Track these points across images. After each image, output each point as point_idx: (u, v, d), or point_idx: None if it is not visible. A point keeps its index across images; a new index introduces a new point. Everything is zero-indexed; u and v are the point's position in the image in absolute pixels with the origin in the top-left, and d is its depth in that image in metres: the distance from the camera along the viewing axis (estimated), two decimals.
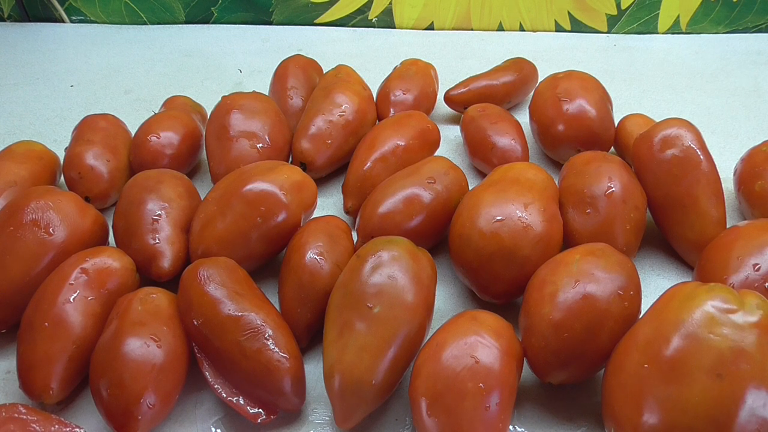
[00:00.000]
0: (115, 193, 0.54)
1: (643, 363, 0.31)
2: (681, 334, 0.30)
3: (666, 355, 0.30)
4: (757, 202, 0.48)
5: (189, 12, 0.91)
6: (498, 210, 0.42)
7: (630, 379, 0.32)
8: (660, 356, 0.31)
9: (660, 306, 0.33)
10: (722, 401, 0.28)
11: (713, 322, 0.30)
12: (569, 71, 0.58)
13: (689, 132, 0.46)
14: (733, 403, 0.28)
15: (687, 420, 0.29)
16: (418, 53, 0.72)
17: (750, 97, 0.71)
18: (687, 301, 0.31)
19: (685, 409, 0.29)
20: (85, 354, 0.38)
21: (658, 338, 0.31)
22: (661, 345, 0.31)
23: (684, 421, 0.29)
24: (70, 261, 0.41)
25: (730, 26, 0.85)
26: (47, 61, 0.82)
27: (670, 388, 0.30)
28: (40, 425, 0.34)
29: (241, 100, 0.55)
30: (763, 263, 0.37)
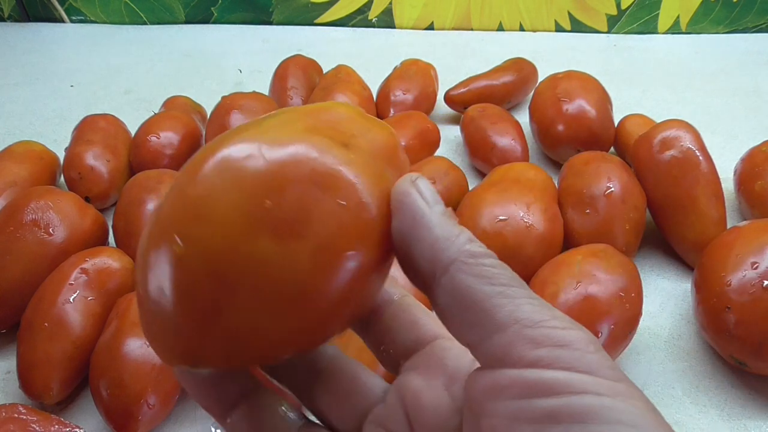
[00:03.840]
0: (115, 193, 0.54)
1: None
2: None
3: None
4: (757, 202, 0.48)
5: (189, 12, 0.91)
6: (501, 210, 0.42)
7: None
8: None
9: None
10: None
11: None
12: (569, 71, 0.58)
13: (688, 133, 0.46)
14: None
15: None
16: (418, 53, 0.72)
17: (750, 97, 0.71)
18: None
19: None
20: (85, 354, 0.38)
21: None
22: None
23: None
24: (70, 261, 0.41)
25: (730, 26, 0.85)
26: (47, 61, 0.82)
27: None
28: (40, 425, 0.34)
29: (241, 100, 0.55)
30: (761, 262, 0.37)
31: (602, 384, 0.15)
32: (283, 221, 0.17)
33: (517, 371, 0.16)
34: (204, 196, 0.17)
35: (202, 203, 0.17)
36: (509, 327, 0.16)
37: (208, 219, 0.17)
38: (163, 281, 0.17)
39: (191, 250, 0.16)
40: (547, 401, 0.15)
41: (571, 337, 0.16)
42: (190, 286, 0.17)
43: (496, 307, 0.17)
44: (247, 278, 0.17)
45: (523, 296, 0.17)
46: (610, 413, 0.14)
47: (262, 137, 0.18)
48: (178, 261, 0.17)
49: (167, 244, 0.17)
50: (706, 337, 0.40)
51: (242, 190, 0.17)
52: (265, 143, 0.18)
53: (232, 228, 0.17)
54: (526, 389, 0.15)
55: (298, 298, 0.17)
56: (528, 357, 0.16)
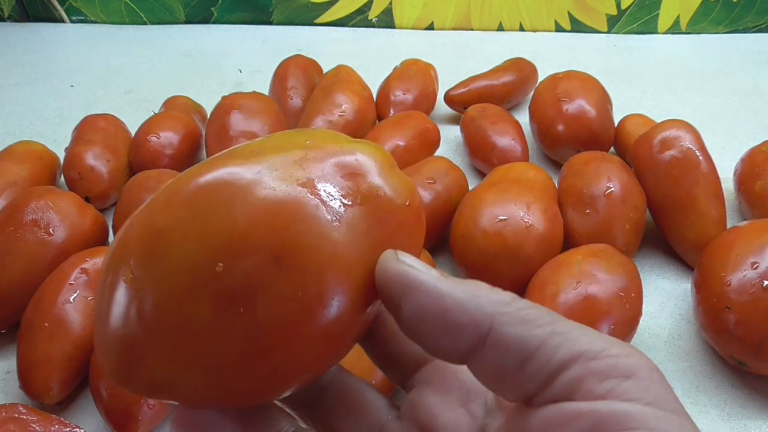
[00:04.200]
0: (115, 193, 0.54)
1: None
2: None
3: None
4: (757, 202, 0.48)
5: (189, 12, 0.91)
6: (501, 210, 0.42)
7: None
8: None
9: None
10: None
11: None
12: (569, 71, 0.58)
13: (688, 133, 0.46)
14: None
15: None
16: (418, 53, 0.72)
17: (750, 97, 0.71)
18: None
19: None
20: (85, 354, 0.38)
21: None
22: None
23: None
24: (70, 261, 0.41)
25: (730, 26, 0.85)
26: (47, 61, 0.82)
27: None
28: (40, 425, 0.34)
29: (241, 100, 0.55)
30: (761, 262, 0.37)
31: (670, 420, 0.15)
32: (227, 291, 0.16)
33: (587, 404, 0.15)
34: (164, 231, 0.16)
35: (160, 241, 0.16)
36: (573, 364, 0.16)
37: (160, 259, 0.16)
38: (109, 304, 0.16)
39: (138, 285, 0.16)
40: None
41: (636, 366, 0.16)
42: (124, 317, 0.16)
43: (554, 348, 0.16)
44: (177, 336, 0.16)
45: (573, 329, 0.16)
46: None
47: (247, 176, 0.17)
48: (126, 288, 0.16)
49: (122, 268, 0.16)
50: (706, 337, 0.40)
51: (201, 242, 0.16)
52: (247, 186, 0.16)
53: (177, 280, 0.16)
54: (597, 422, 0.15)
55: (229, 366, 0.16)
56: (597, 390, 0.15)
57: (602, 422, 0.15)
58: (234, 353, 0.16)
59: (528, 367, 0.16)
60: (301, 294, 0.16)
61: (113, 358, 0.17)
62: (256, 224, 0.16)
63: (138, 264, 0.16)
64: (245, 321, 0.16)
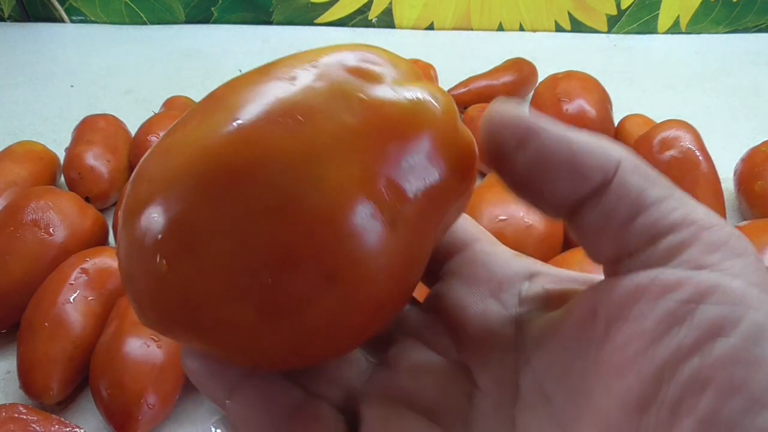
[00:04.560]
0: (115, 193, 0.54)
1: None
2: None
3: None
4: (757, 202, 0.48)
5: (189, 12, 0.91)
6: (501, 210, 0.42)
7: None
8: None
9: None
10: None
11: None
12: (569, 72, 0.58)
13: (688, 133, 0.46)
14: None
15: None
16: (418, 53, 0.72)
17: (750, 97, 0.71)
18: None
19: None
20: (85, 354, 0.38)
21: None
22: None
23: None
24: (70, 261, 0.41)
25: (730, 26, 0.85)
26: (47, 61, 0.82)
27: None
28: (40, 425, 0.34)
29: None
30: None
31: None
32: (274, 302, 0.15)
33: (690, 272, 0.14)
34: (202, 224, 0.15)
35: (196, 236, 0.15)
36: (685, 227, 0.15)
37: (197, 257, 0.15)
38: (142, 281, 0.15)
39: (173, 278, 0.15)
40: (718, 308, 0.13)
41: (748, 248, 0.15)
42: (159, 306, 0.15)
43: (670, 209, 0.15)
44: (216, 333, 0.15)
45: (691, 199, 0.16)
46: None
47: (296, 172, 0.15)
48: (158, 277, 0.15)
49: (152, 248, 0.15)
50: None
51: (247, 250, 0.14)
52: (297, 188, 0.15)
53: (218, 283, 0.15)
54: (700, 293, 0.14)
55: (270, 359, 0.16)
56: (703, 260, 0.14)
57: (705, 294, 0.14)
58: (281, 353, 0.16)
59: (639, 219, 0.15)
60: (352, 306, 0.15)
61: (150, 321, 0.16)
62: (309, 241, 0.15)
63: (170, 255, 0.15)
64: (294, 330, 0.15)
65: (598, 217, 0.16)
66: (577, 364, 0.16)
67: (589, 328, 0.16)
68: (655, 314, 0.14)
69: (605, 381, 0.15)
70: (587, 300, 0.16)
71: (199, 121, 0.16)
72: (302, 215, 0.15)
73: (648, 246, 0.15)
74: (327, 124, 0.15)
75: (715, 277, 0.14)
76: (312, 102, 0.16)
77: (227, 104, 0.16)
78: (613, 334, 0.15)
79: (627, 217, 0.16)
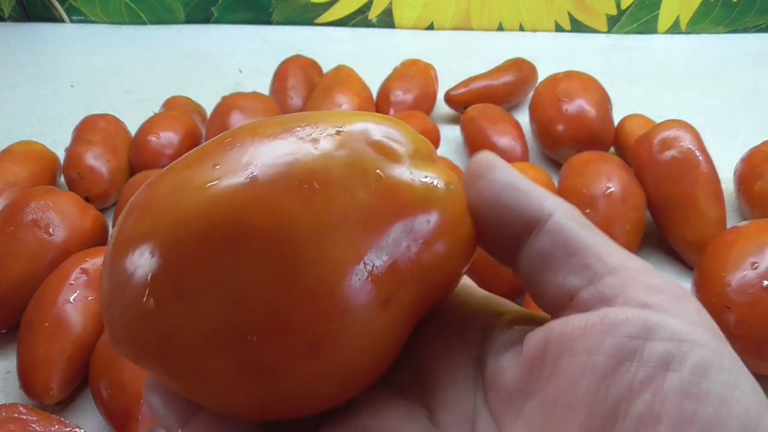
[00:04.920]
0: (115, 193, 0.54)
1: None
2: None
3: None
4: (757, 202, 0.48)
5: (189, 12, 0.91)
6: None
7: None
8: None
9: None
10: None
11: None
12: (569, 71, 0.58)
13: (688, 133, 0.46)
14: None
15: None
16: (418, 53, 0.72)
17: (750, 97, 0.71)
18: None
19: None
20: (85, 354, 0.38)
21: None
22: None
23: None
24: (70, 261, 0.41)
25: (730, 26, 0.85)
26: (47, 61, 0.82)
27: None
28: (40, 425, 0.34)
29: (241, 100, 0.55)
30: (761, 262, 0.37)
31: (720, 343, 0.14)
32: (253, 362, 0.15)
33: (634, 310, 0.15)
34: (192, 272, 0.14)
35: (187, 283, 0.15)
36: (623, 271, 0.16)
37: (185, 302, 0.15)
38: (125, 309, 0.15)
39: (160, 317, 0.15)
40: (666, 344, 0.14)
41: (686, 293, 0.15)
42: (140, 337, 0.15)
43: (608, 253, 0.16)
44: (193, 376, 0.15)
45: (627, 252, 0.16)
46: (728, 376, 0.14)
47: (297, 236, 0.15)
48: (145, 313, 0.15)
49: (142, 281, 0.15)
50: None
51: (234, 306, 0.14)
52: (293, 254, 0.14)
53: (203, 331, 0.14)
54: (646, 330, 0.14)
55: (241, 410, 0.16)
56: (644, 299, 0.15)
57: (651, 331, 0.14)
58: (251, 407, 0.16)
59: (576, 260, 0.16)
60: (329, 377, 0.15)
61: (124, 350, 0.16)
62: (301, 310, 0.15)
63: (160, 295, 0.15)
64: (267, 389, 0.15)
65: (538, 257, 0.17)
66: (528, 404, 0.16)
67: (538, 366, 0.16)
68: (604, 349, 0.14)
69: (556, 419, 0.15)
70: (537, 338, 0.17)
71: (211, 164, 0.16)
72: (300, 285, 0.15)
73: (591, 284, 0.16)
74: (342, 197, 0.15)
75: (660, 316, 0.14)
76: (331, 172, 0.16)
77: (243, 153, 0.16)
78: (560, 370, 0.15)
79: (564, 257, 0.16)
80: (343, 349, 0.15)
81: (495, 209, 0.18)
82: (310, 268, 0.15)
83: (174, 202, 0.15)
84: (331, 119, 0.17)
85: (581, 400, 0.14)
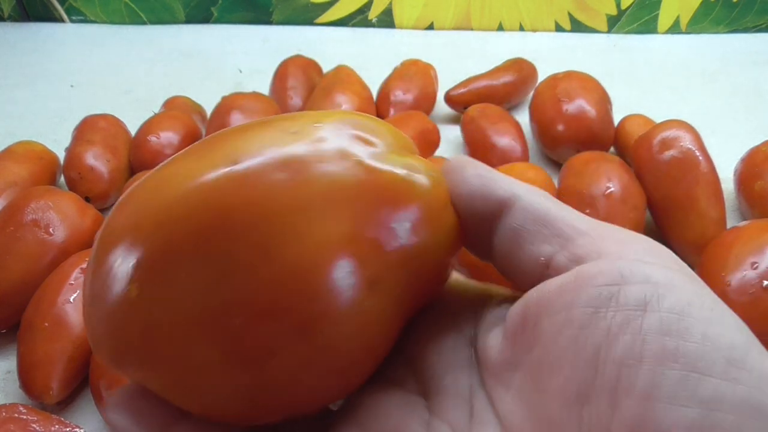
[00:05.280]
0: (115, 193, 0.54)
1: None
2: None
3: None
4: (757, 202, 0.48)
5: (189, 12, 0.91)
6: None
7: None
8: None
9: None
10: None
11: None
12: (569, 71, 0.58)
13: (688, 133, 0.46)
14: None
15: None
16: (418, 53, 0.72)
17: (750, 97, 0.71)
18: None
19: None
20: (85, 354, 0.38)
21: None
22: None
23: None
24: (70, 261, 0.41)
25: (730, 26, 0.85)
26: (47, 61, 0.82)
27: None
28: (40, 425, 0.34)
29: (241, 100, 0.55)
30: (761, 262, 0.37)
31: (701, 288, 0.14)
32: (239, 348, 0.14)
33: (607, 261, 0.15)
34: (176, 254, 0.14)
35: (170, 266, 0.14)
36: (594, 231, 0.16)
37: (169, 287, 0.14)
38: (108, 302, 0.15)
39: (143, 305, 0.15)
40: (642, 287, 0.14)
41: (662, 247, 0.16)
42: (123, 328, 0.15)
43: (576, 220, 0.17)
44: (177, 368, 0.15)
45: (597, 220, 0.17)
46: (710, 313, 0.13)
47: (280, 221, 0.15)
48: (129, 302, 0.15)
49: (126, 271, 0.15)
50: None
51: (218, 288, 0.14)
52: (278, 236, 0.14)
53: (186, 317, 0.14)
54: (619, 275, 0.14)
55: (227, 406, 0.15)
56: (617, 252, 0.15)
57: (625, 277, 0.14)
58: (239, 403, 0.15)
59: (548, 229, 0.17)
60: (318, 363, 0.15)
61: (104, 349, 0.16)
62: (286, 291, 0.14)
63: (144, 282, 0.15)
64: (255, 380, 0.15)
65: (510, 235, 0.17)
66: (517, 374, 0.16)
67: (520, 334, 0.16)
68: (580, 302, 0.14)
69: (542, 382, 0.15)
70: (517, 308, 0.17)
71: (195, 158, 0.16)
72: (283, 264, 0.14)
73: (564, 247, 0.16)
74: (323, 178, 0.16)
75: (635, 264, 0.14)
76: (311, 156, 0.16)
77: (226, 146, 0.16)
78: (541, 333, 0.15)
79: (536, 229, 0.17)
80: (332, 332, 0.15)
81: (467, 198, 0.18)
82: (291, 245, 0.14)
83: (156, 194, 0.16)
84: (313, 116, 0.18)
85: (562, 357, 0.14)
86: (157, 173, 0.17)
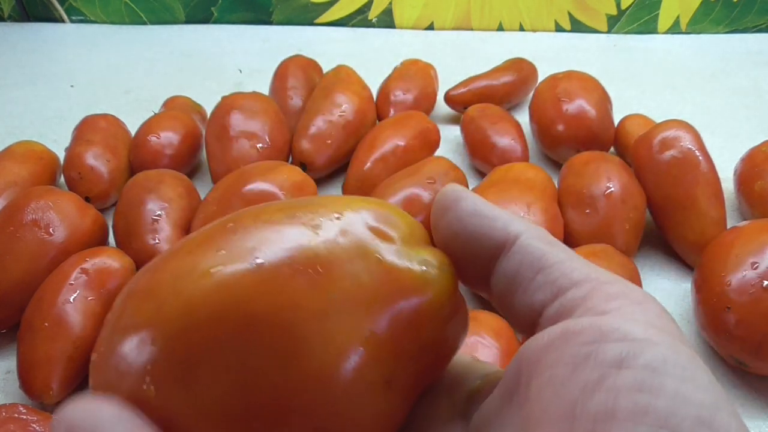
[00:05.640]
0: (115, 193, 0.54)
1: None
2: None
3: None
4: (757, 202, 0.48)
5: (189, 12, 0.91)
6: None
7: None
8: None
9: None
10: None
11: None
12: (569, 71, 0.58)
13: (688, 133, 0.46)
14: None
15: None
16: (418, 53, 0.72)
17: (750, 97, 0.71)
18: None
19: None
20: (85, 354, 0.38)
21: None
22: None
23: None
24: (70, 261, 0.41)
25: (730, 26, 0.85)
26: (47, 61, 0.82)
27: None
28: (40, 425, 0.34)
29: (241, 100, 0.55)
30: (761, 262, 0.37)
31: (676, 344, 0.14)
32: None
33: (590, 318, 0.15)
34: (196, 361, 0.14)
35: (189, 371, 0.14)
36: (585, 283, 0.16)
37: (187, 390, 0.14)
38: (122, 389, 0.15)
39: (159, 405, 0.14)
40: (619, 345, 0.14)
41: (647, 298, 0.16)
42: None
43: (572, 268, 0.17)
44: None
45: (592, 264, 0.17)
46: (683, 372, 0.14)
47: (307, 325, 0.15)
48: (145, 400, 0.14)
49: (140, 369, 0.15)
50: (706, 337, 0.40)
51: (240, 393, 0.14)
52: (301, 340, 0.15)
53: (206, 421, 0.14)
54: (599, 333, 0.14)
55: None
56: (602, 307, 0.15)
57: (607, 334, 0.14)
58: None
59: (542, 277, 0.17)
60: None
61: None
62: (305, 395, 0.15)
63: (161, 382, 0.15)
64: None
65: (507, 278, 0.17)
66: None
67: (514, 393, 0.16)
68: (563, 359, 0.15)
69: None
70: (511, 367, 0.17)
71: (214, 250, 0.16)
72: (306, 371, 0.15)
73: (556, 297, 0.16)
74: (344, 281, 0.16)
75: (616, 321, 0.15)
76: (334, 256, 0.16)
77: (248, 239, 0.16)
78: (529, 390, 0.15)
79: (531, 275, 0.17)
80: (347, 430, 0.15)
81: (464, 239, 0.18)
82: (315, 352, 0.15)
83: (177, 288, 0.15)
84: (332, 205, 0.18)
85: (543, 414, 0.15)
86: (174, 262, 0.16)
